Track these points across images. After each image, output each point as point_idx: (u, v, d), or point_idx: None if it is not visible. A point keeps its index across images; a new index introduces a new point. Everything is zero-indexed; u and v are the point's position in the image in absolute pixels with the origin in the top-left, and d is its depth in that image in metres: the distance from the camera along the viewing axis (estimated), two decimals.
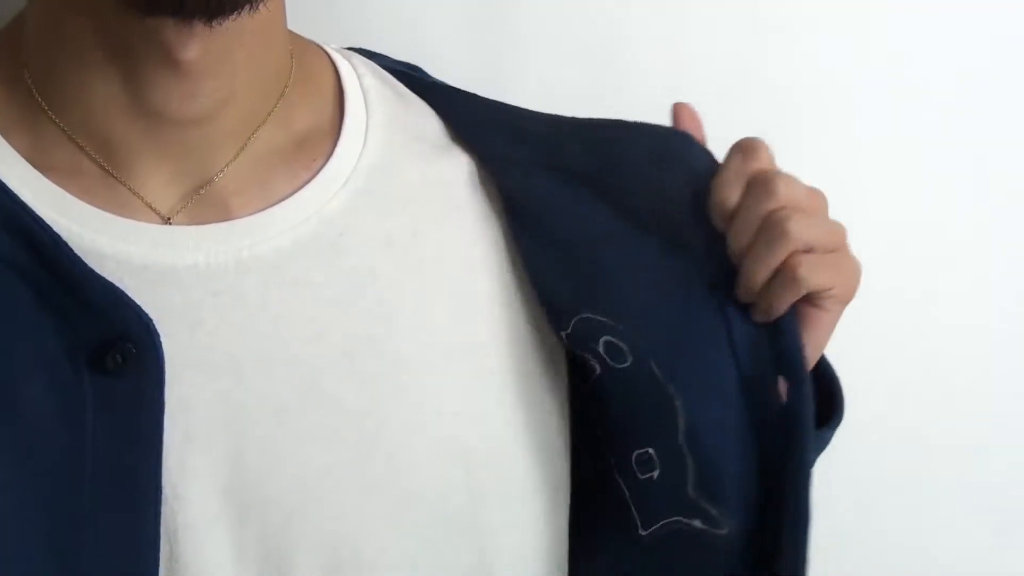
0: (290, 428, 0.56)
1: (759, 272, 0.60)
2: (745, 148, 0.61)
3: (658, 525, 0.62)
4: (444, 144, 0.65)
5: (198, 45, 0.54)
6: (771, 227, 0.59)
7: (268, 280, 0.57)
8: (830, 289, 0.60)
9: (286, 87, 0.61)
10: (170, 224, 0.57)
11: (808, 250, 0.59)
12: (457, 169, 0.64)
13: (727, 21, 0.85)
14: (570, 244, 0.63)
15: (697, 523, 0.61)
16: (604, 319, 0.61)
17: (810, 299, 0.61)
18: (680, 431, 0.61)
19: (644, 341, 0.61)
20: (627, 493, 0.63)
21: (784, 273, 0.59)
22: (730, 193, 0.60)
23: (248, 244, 0.57)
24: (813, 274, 0.59)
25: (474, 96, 0.69)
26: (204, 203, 0.58)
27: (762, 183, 0.60)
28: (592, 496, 0.65)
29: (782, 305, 0.60)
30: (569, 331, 0.63)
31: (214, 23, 0.52)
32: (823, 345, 0.64)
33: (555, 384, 0.64)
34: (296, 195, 0.59)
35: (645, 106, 0.67)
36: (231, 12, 0.52)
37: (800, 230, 0.59)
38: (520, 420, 0.62)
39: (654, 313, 0.62)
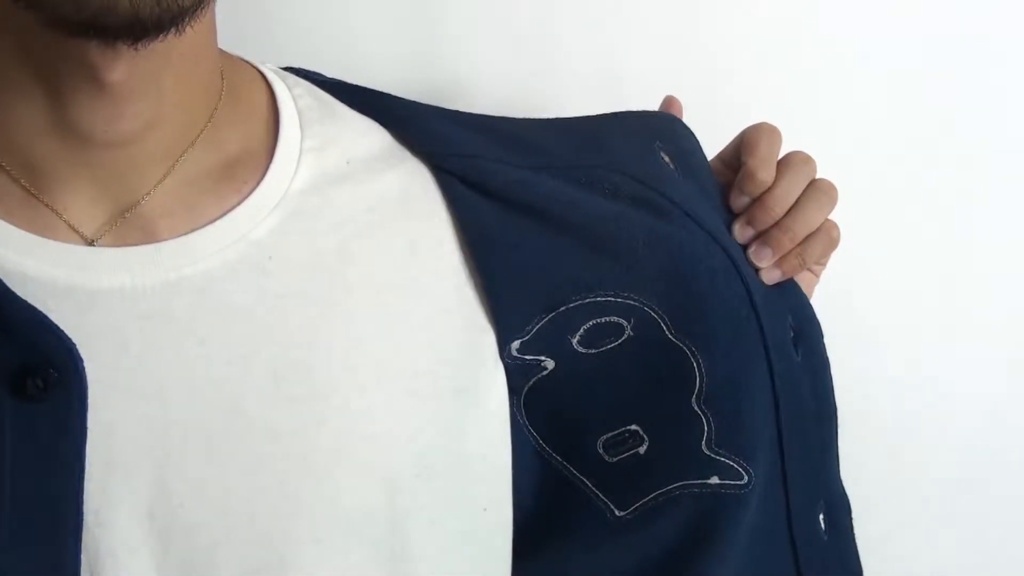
0: (214, 453, 0.55)
1: (803, 231, 0.68)
2: (771, 133, 0.70)
3: (645, 500, 0.65)
4: (389, 158, 0.65)
5: (124, 67, 0.53)
6: (820, 194, 0.69)
7: (195, 303, 0.56)
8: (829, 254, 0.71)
9: (216, 109, 0.60)
10: (94, 246, 0.56)
11: None
12: (402, 183, 0.64)
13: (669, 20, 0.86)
14: (581, 226, 0.65)
15: (714, 480, 0.64)
16: (610, 297, 0.64)
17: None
18: (696, 390, 0.64)
19: (660, 307, 0.64)
20: (588, 484, 0.64)
21: (823, 233, 0.69)
22: (770, 172, 0.69)
23: (175, 266, 0.57)
24: (839, 236, 0.69)
25: (435, 107, 0.69)
26: (130, 225, 0.57)
27: (802, 161, 0.70)
28: (547, 499, 0.65)
29: (811, 261, 0.69)
30: (528, 337, 0.63)
31: (139, 45, 0.51)
32: None
33: (496, 401, 0.64)
34: (224, 218, 0.58)
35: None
36: (157, 34, 0.51)
37: (837, 198, 0.69)
38: (453, 442, 0.62)
39: (669, 277, 0.65)
